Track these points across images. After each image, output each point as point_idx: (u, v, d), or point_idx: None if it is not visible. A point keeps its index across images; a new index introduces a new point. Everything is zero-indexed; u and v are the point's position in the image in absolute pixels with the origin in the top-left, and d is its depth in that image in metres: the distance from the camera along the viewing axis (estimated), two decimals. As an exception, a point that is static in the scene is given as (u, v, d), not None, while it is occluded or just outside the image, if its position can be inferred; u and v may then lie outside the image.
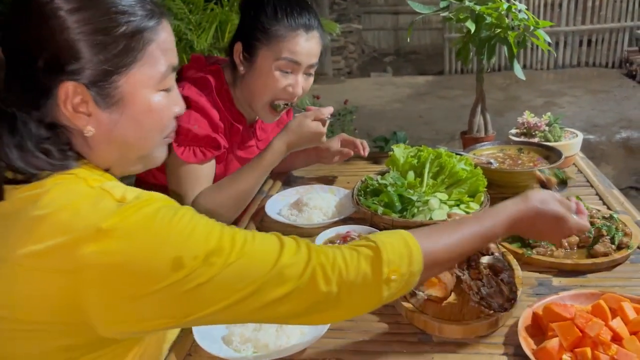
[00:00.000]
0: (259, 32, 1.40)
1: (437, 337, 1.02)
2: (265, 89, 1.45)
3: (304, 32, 1.41)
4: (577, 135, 1.82)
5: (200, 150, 1.42)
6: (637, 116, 4.86)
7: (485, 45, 1.76)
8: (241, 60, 1.44)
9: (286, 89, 1.45)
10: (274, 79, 1.43)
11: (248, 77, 1.45)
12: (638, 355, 0.87)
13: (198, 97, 1.41)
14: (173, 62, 0.82)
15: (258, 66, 1.43)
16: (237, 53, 1.44)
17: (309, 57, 1.44)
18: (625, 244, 1.23)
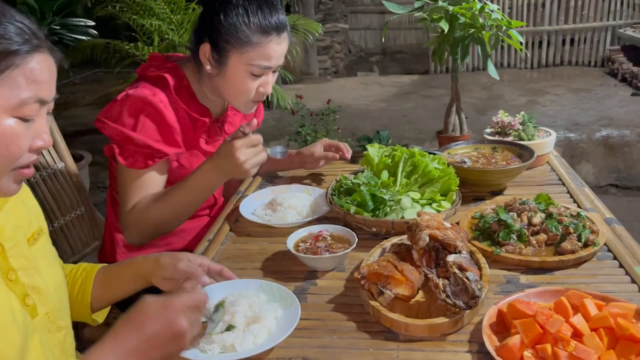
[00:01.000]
0: (230, 36, 1.36)
1: (403, 335, 1.03)
2: (238, 92, 1.43)
3: (276, 36, 1.39)
4: (550, 133, 1.84)
5: (142, 157, 1.39)
6: (618, 114, 4.92)
7: (459, 45, 1.78)
8: (209, 61, 1.41)
9: (258, 90, 1.44)
10: (246, 83, 1.41)
11: (218, 78, 1.43)
12: (597, 351, 0.88)
13: (152, 97, 1.38)
14: (41, 96, 0.81)
15: (229, 70, 1.40)
16: (205, 53, 1.41)
17: (280, 59, 1.43)
18: (592, 241, 1.25)
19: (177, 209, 1.41)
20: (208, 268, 1.10)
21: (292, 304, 1.07)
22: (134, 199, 1.40)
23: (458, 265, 1.06)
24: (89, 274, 1.14)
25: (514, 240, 1.28)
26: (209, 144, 1.54)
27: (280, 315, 1.05)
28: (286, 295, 1.10)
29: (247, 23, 1.35)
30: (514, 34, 1.75)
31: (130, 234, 1.42)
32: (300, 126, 3.86)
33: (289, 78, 3.82)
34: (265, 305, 1.06)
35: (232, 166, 1.34)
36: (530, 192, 1.60)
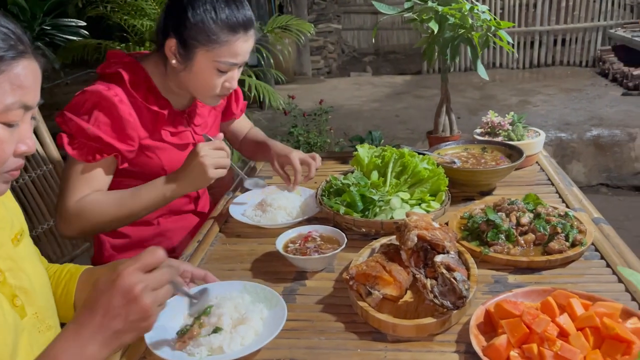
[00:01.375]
0: (197, 33, 1.35)
1: (391, 336, 1.03)
2: (204, 87, 1.43)
3: (243, 34, 1.38)
4: (539, 134, 1.85)
5: (92, 150, 1.37)
6: (608, 114, 4.95)
7: (448, 45, 1.78)
8: (175, 56, 1.40)
9: (224, 85, 1.43)
10: (212, 79, 1.41)
11: (184, 73, 1.42)
12: (582, 350, 0.89)
13: (106, 92, 1.37)
14: (25, 101, 0.81)
15: (196, 66, 1.39)
16: (171, 48, 1.39)
17: (246, 56, 1.42)
18: (579, 241, 1.26)
19: (132, 212, 1.40)
20: (192, 274, 1.09)
21: (277, 304, 1.07)
22: (78, 192, 1.37)
23: (446, 266, 1.06)
24: (74, 275, 1.13)
25: (502, 240, 1.28)
26: (175, 135, 1.52)
27: (266, 316, 1.05)
28: (271, 295, 1.10)
29: (215, 20, 1.34)
30: (503, 34, 1.76)
31: (68, 226, 1.39)
32: (292, 126, 3.86)
33: (281, 78, 3.81)
34: (251, 307, 1.05)
35: (194, 167, 1.34)
36: (519, 192, 1.60)
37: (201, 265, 1.34)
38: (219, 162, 1.37)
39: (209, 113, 1.66)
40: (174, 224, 1.59)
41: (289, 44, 5.47)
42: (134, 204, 1.39)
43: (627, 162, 4.35)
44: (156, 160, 1.47)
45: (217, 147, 1.38)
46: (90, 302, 0.82)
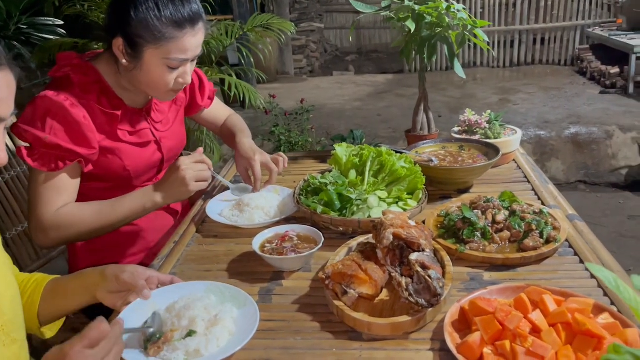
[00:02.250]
0: (142, 31, 1.31)
1: (367, 335, 1.03)
2: (156, 85, 1.40)
3: (190, 29, 1.34)
4: (516, 132, 1.86)
5: (53, 159, 1.34)
6: (586, 112, 5.01)
7: (426, 44, 1.79)
8: (124, 55, 1.36)
9: (177, 80, 1.40)
10: (164, 76, 1.37)
11: (135, 72, 1.38)
12: (554, 346, 0.90)
13: (55, 97, 1.33)
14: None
15: (145, 64, 1.36)
16: (119, 47, 1.35)
17: (196, 50, 1.39)
18: (554, 237, 1.27)
19: (111, 223, 1.39)
20: (158, 279, 1.07)
21: (246, 303, 1.07)
22: (50, 203, 1.35)
23: (421, 264, 1.07)
24: (39, 285, 1.10)
25: (478, 238, 1.29)
26: (133, 134, 1.49)
27: (236, 316, 1.04)
28: (237, 294, 1.09)
29: (159, 17, 1.30)
30: (480, 33, 1.77)
31: (46, 237, 1.36)
32: (274, 126, 3.85)
33: (262, 77, 3.79)
34: (220, 307, 1.05)
35: (174, 180, 1.35)
36: (496, 189, 1.61)
37: (177, 266, 1.33)
38: (200, 175, 1.37)
39: (170, 109, 1.62)
40: (150, 224, 1.57)
41: (271, 43, 5.45)
42: (114, 215, 1.38)
43: (605, 160, 4.41)
44: (117, 160, 1.44)
45: (198, 161, 1.37)
46: None
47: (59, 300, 1.08)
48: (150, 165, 1.54)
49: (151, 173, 1.55)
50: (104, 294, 1.05)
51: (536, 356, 0.87)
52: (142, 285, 1.03)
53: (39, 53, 3.50)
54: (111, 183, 1.46)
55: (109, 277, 1.04)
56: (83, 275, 1.09)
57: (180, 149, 1.66)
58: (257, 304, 1.14)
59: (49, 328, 1.13)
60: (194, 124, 3.58)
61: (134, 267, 1.06)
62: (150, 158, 1.52)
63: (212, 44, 3.43)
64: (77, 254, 1.57)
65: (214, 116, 1.87)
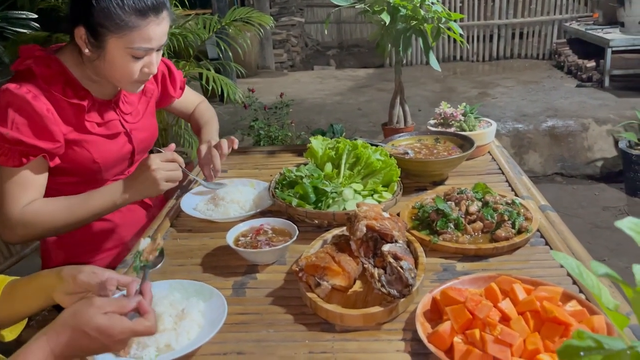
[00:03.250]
0: (105, 20, 1.27)
1: (339, 326, 1.03)
2: (121, 75, 1.36)
3: (154, 17, 1.30)
4: (491, 124, 1.88)
5: (17, 155, 1.30)
6: (563, 105, 5.08)
7: (401, 37, 1.79)
8: (86, 44, 1.32)
9: (143, 71, 1.37)
10: (128, 66, 1.34)
11: (99, 62, 1.35)
12: (522, 334, 0.91)
13: (17, 90, 1.30)
14: None
15: (109, 54, 1.32)
16: (81, 37, 1.31)
17: (161, 40, 1.36)
18: (525, 227, 1.29)
19: (81, 219, 1.37)
20: (117, 281, 1.06)
21: (212, 295, 1.07)
22: (17, 199, 1.32)
23: (393, 255, 1.07)
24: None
25: (452, 229, 1.30)
26: (102, 126, 1.46)
27: (203, 309, 1.04)
28: (201, 288, 1.09)
29: (122, 6, 1.27)
30: (455, 26, 1.78)
31: (14, 235, 1.34)
32: (253, 120, 3.83)
33: (240, 72, 3.77)
34: (186, 302, 1.04)
35: (145, 179, 1.34)
36: (471, 181, 1.62)
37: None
38: (171, 176, 1.36)
39: (139, 100, 1.60)
40: (124, 219, 1.56)
41: (251, 38, 5.41)
42: (83, 211, 1.36)
43: (581, 152, 4.48)
44: (86, 153, 1.42)
45: (169, 159, 1.36)
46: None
47: (16, 302, 1.05)
48: (121, 158, 1.51)
49: (122, 165, 1.53)
50: (61, 295, 1.01)
51: (504, 344, 0.88)
52: (100, 287, 1.00)
53: (12, 47, 3.42)
54: (81, 177, 1.43)
55: (66, 279, 1.01)
56: (39, 276, 1.05)
57: (152, 140, 1.64)
58: (231, 298, 1.14)
59: (10, 331, 1.09)
60: (172, 118, 3.55)
61: (92, 268, 1.03)
62: (120, 150, 1.49)
63: (189, 38, 3.39)
64: (49, 251, 1.55)
65: (184, 105, 1.85)
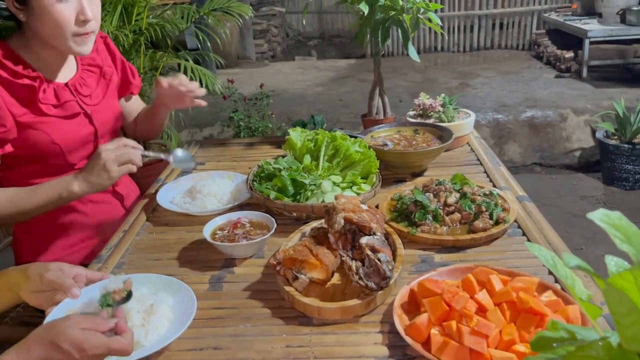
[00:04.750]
0: None
1: (317, 319, 1.03)
2: (56, 27, 1.31)
3: None
4: (470, 115, 1.88)
5: None
6: (542, 96, 5.13)
7: (379, 27, 1.78)
8: (16, 7, 1.30)
9: (78, 18, 1.32)
10: (57, 12, 1.28)
11: (33, 24, 1.31)
12: (498, 325, 0.91)
13: None
14: None
15: (35, 6, 1.28)
16: (11, 3, 1.29)
17: None
18: (503, 218, 1.29)
19: (25, 210, 1.33)
20: (86, 277, 1.03)
21: (180, 289, 1.06)
22: None
23: (371, 247, 1.07)
24: None
25: (430, 221, 1.30)
26: (58, 107, 1.42)
27: (172, 303, 1.03)
28: (169, 282, 1.08)
29: None
30: (433, 16, 1.77)
31: None
32: (233, 111, 3.79)
33: (219, 62, 3.72)
34: (154, 297, 1.03)
35: (94, 166, 1.30)
36: (450, 172, 1.62)
37: (126, 255, 1.29)
38: (122, 158, 1.30)
39: (98, 83, 1.56)
40: (98, 213, 1.53)
41: (231, 28, 5.35)
42: (28, 203, 1.32)
43: (559, 142, 4.53)
44: (43, 135, 1.38)
45: (122, 144, 1.31)
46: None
47: None
48: (83, 139, 1.47)
49: (87, 148, 1.49)
50: (28, 294, 0.99)
51: (480, 335, 0.88)
52: (69, 284, 0.98)
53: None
54: (45, 163, 1.40)
55: (32, 277, 0.99)
56: (5, 274, 1.03)
57: (117, 123, 1.61)
58: (208, 292, 1.13)
59: None
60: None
61: (59, 265, 1.01)
62: (80, 131, 1.46)
63: (167, 28, 3.33)
64: (20, 245, 1.51)
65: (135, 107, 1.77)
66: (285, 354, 0.94)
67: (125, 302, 0.97)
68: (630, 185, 3.99)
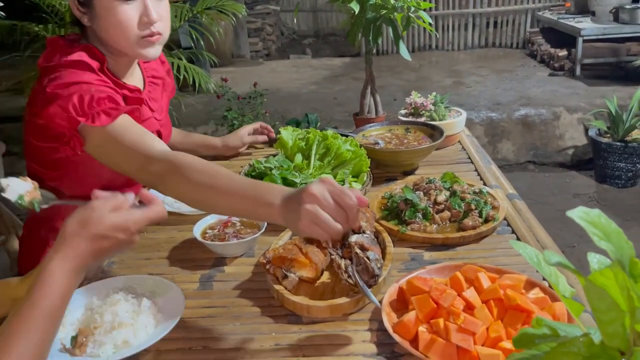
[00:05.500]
0: None
1: (306, 318, 1.03)
2: (120, 28, 1.24)
3: None
4: (461, 113, 1.89)
5: (108, 109, 1.16)
6: (535, 94, 5.15)
7: (371, 26, 1.78)
8: (80, 11, 1.25)
9: (142, 20, 1.24)
10: (120, 12, 1.22)
11: (96, 27, 1.26)
12: (485, 322, 0.92)
13: (88, 77, 1.20)
14: None
15: (97, 7, 1.22)
16: (74, 6, 1.24)
17: None
18: (492, 216, 1.30)
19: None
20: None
21: (169, 290, 1.06)
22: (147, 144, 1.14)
23: (360, 245, 1.07)
24: None
25: (420, 219, 1.30)
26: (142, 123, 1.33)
27: (161, 303, 1.03)
28: (158, 282, 1.08)
29: None
30: (424, 15, 1.78)
31: None
32: (226, 110, 3.78)
33: (213, 61, 3.72)
34: (142, 296, 1.03)
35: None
36: (441, 170, 1.63)
37: (116, 255, 1.29)
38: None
39: (161, 95, 1.51)
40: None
41: (226, 26, 5.34)
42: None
43: (552, 140, 4.55)
44: None
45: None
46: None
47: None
48: None
49: None
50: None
51: (467, 332, 0.89)
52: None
53: (-25, 36, 3.31)
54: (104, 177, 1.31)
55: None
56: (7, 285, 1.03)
57: (169, 139, 1.56)
58: (198, 291, 1.13)
59: None
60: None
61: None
62: None
63: (160, 27, 3.33)
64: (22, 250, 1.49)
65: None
66: (275, 353, 0.94)
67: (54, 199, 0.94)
68: (623, 183, 4.02)
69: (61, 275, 0.79)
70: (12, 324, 0.75)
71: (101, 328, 0.94)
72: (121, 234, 0.83)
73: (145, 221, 0.85)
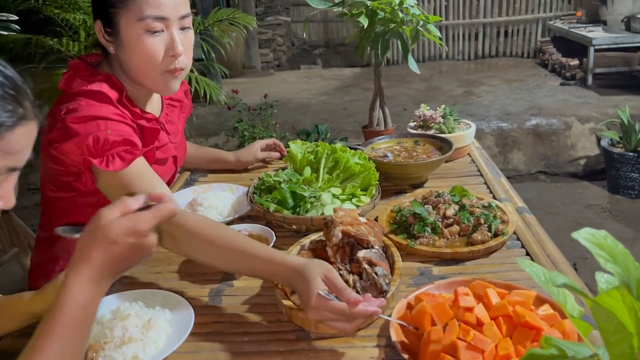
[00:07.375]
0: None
1: (314, 333, 1.03)
2: (146, 60, 1.25)
3: None
4: (470, 126, 1.89)
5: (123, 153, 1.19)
6: (547, 104, 5.12)
7: (380, 40, 1.79)
8: (106, 40, 1.26)
9: (168, 53, 1.26)
10: (147, 44, 1.23)
11: (121, 55, 1.27)
12: (494, 339, 0.91)
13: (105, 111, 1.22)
14: (14, 165, 0.77)
15: (124, 37, 1.23)
16: (100, 33, 1.25)
17: (176, 8, 1.24)
18: (501, 231, 1.29)
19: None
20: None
21: (179, 304, 1.07)
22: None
23: (368, 261, 1.07)
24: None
25: (428, 233, 1.30)
26: (159, 149, 1.38)
27: (170, 317, 1.04)
28: (167, 297, 1.09)
29: None
30: (432, 28, 1.79)
31: None
32: (237, 121, 3.81)
33: (224, 72, 3.75)
34: (152, 311, 1.04)
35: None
36: (450, 183, 1.62)
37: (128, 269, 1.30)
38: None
39: (179, 118, 1.52)
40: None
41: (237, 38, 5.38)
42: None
43: (564, 150, 4.52)
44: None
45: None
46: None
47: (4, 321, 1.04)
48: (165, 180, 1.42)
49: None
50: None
51: (476, 350, 0.88)
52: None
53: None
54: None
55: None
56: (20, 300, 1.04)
57: (183, 160, 1.58)
58: (207, 306, 1.14)
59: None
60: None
61: None
62: (168, 172, 1.44)
63: (172, 39, 3.37)
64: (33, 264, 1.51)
65: None
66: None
67: None
68: (636, 193, 3.97)
69: (79, 287, 0.79)
70: (35, 341, 0.76)
71: (111, 343, 0.94)
72: (132, 237, 0.81)
73: (155, 220, 0.83)
